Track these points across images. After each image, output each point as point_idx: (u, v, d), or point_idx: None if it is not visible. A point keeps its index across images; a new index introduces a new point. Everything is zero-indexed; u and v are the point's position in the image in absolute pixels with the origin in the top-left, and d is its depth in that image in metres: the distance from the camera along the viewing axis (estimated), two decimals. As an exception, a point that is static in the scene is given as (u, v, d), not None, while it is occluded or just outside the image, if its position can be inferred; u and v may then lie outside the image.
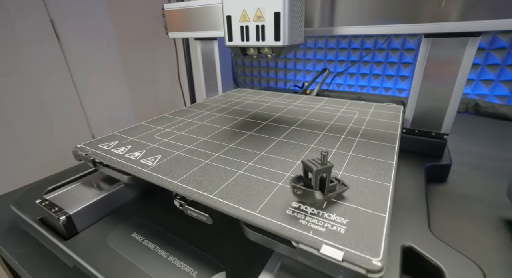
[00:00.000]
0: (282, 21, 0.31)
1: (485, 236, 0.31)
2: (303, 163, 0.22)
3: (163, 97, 1.94)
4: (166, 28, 0.54)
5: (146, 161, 0.31)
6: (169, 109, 1.48)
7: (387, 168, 0.27)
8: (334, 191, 0.22)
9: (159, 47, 1.73)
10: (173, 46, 1.66)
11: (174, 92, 1.84)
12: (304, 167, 0.22)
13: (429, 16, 0.32)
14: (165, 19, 0.53)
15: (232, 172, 0.28)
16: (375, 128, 0.38)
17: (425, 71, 0.39)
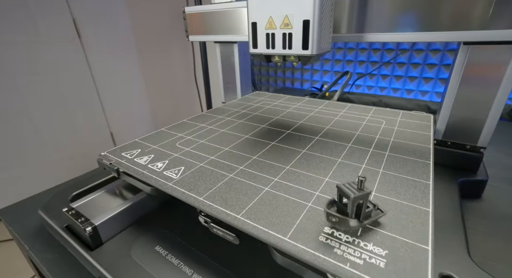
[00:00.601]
0: (311, 30, 0.30)
1: (528, 263, 0.28)
2: (338, 188, 0.20)
3: (179, 96, 1.96)
4: (186, 31, 0.54)
5: (170, 172, 0.30)
6: (185, 108, 1.51)
7: (424, 189, 0.26)
8: (370, 217, 0.21)
9: (176, 46, 1.74)
10: (189, 45, 1.66)
11: (190, 91, 1.85)
12: (339, 192, 0.21)
13: (472, 23, 0.30)
14: (185, 22, 0.53)
15: (258, 189, 0.27)
16: (405, 140, 0.36)
17: (463, 79, 0.36)
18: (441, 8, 0.31)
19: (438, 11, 0.31)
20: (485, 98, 0.35)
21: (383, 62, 0.97)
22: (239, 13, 0.47)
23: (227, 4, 0.48)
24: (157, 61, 1.92)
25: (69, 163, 1.75)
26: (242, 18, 0.47)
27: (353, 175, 0.29)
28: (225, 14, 0.49)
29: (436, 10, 0.31)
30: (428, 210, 0.23)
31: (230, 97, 0.65)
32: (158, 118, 2.24)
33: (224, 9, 0.48)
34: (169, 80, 1.94)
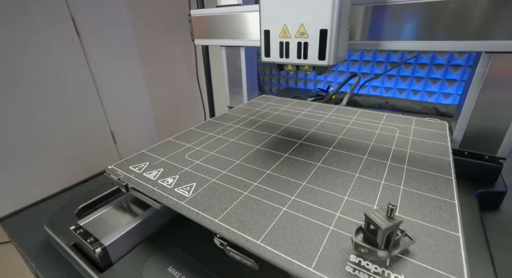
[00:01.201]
0: (328, 39, 0.28)
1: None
2: (367, 217, 0.19)
3: (181, 96, 1.94)
4: (192, 35, 0.52)
5: (181, 190, 0.29)
6: (187, 109, 1.50)
7: (450, 209, 0.25)
8: (399, 246, 0.20)
9: (178, 46, 1.71)
10: (191, 46, 1.63)
11: (192, 92, 1.83)
12: (367, 220, 0.19)
13: (496, 33, 0.28)
14: (191, 25, 0.51)
15: (275, 209, 0.26)
16: (423, 152, 0.35)
17: (483, 88, 0.35)
18: (464, 17, 0.29)
19: (460, 20, 0.30)
20: (507, 108, 0.34)
21: (390, 62, 0.95)
22: (246, 18, 0.45)
23: (233, 8, 0.46)
24: (159, 60, 1.89)
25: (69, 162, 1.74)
26: (250, 23, 0.45)
27: (372, 192, 0.27)
28: (231, 18, 0.47)
29: (458, 19, 0.30)
30: (458, 235, 0.21)
31: (236, 102, 0.63)
32: (160, 118, 2.23)
33: (230, 13, 0.47)
34: (171, 81, 1.92)
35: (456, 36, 0.31)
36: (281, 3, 0.30)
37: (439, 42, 0.32)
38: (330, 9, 0.27)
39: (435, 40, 0.32)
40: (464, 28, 0.30)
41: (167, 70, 1.91)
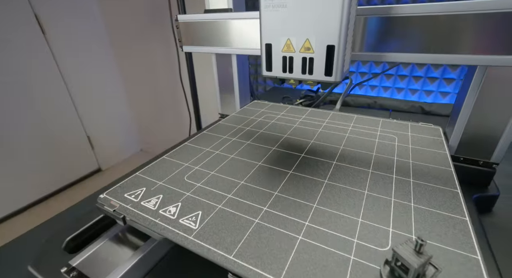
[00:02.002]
0: (335, 55, 0.27)
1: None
2: (396, 253, 0.18)
3: (163, 98, 1.86)
4: (180, 41, 0.49)
5: (187, 221, 0.27)
6: (170, 111, 1.45)
7: (463, 228, 0.25)
8: (425, 277, 0.19)
9: (157, 44, 1.63)
10: (173, 44, 1.55)
11: (175, 93, 1.75)
12: (396, 256, 0.19)
13: (494, 49, 0.29)
14: (178, 31, 0.48)
15: (291, 238, 0.24)
16: (424, 162, 0.35)
17: (479, 97, 0.36)
18: (463, 33, 0.29)
19: (459, 36, 0.30)
20: (501, 116, 0.35)
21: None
22: (239, 25, 0.43)
23: (224, 15, 0.44)
24: (136, 60, 1.80)
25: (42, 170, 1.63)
26: (243, 31, 0.43)
27: (385, 212, 0.27)
28: (222, 24, 0.44)
29: (454, 34, 0.30)
30: (477, 258, 0.22)
31: (227, 108, 0.61)
32: (140, 120, 2.13)
33: (221, 20, 0.44)
34: (151, 82, 1.83)
35: (453, 50, 0.31)
36: (285, 16, 0.28)
37: (436, 55, 0.32)
38: (338, 24, 0.26)
39: (430, 53, 0.32)
40: (460, 43, 0.30)
41: (145, 71, 1.82)
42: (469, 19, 0.29)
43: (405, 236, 0.24)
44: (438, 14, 0.30)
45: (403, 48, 0.33)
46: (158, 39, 1.60)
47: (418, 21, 0.31)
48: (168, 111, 1.88)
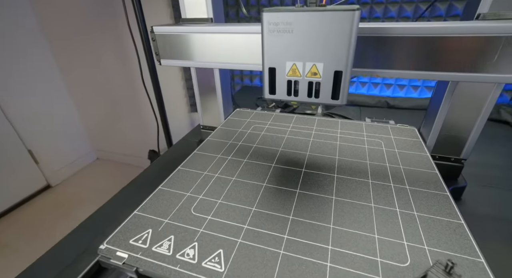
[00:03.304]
0: (343, 80, 0.28)
1: None
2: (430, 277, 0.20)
3: (119, 103, 1.69)
4: (157, 54, 0.44)
5: (210, 263, 0.26)
6: (129, 117, 1.35)
7: (462, 232, 0.28)
8: (451, 290, 0.22)
9: (108, 42, 1.46)
10: (127, 41, 1.41)
11: (134, 97, 1.61)
12: (429, 276, 0.21)
13: (466, 67, 0.32)
14: (155, 43, 0.43)
15: (320, 266, 0.25)
16: (412, 166, 0.39)
17: (451, 106, 0.40)
18: (439, 54, 0.32)
19: (435, 55, 0.33)
20: (469, 120, 0.40)
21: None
22: (221, 39, 0.41)
23: (204, 28, 0.41)
24: (81, 60, 1.59)
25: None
26: (225, 45, 0.41)
27: (395, 224, 0.29)
28: (203, 38, 0.41)
29: (434, 55, 0.33)
30: (481, 261, 0.25)
31: (209, 119, 0.58)
32: (93, 126, 1.93)
33: (201, 33, 0.41)
34: (102, 83, 1.65)
35: (430, 68, 0.34)
36: (290, 41, 0.27)
37: (412, 72, 0.35)
38: (347, 51, 0.26)
39: (407, 70, 0.35)
40: (436, 62, 0.33)
41: (95, 72, 1.63)
42: (443, 41, 0.31)
43: (419, 247, 0.27)
44: (419, 36, 0.32)
45: (388, 65, 0.35)
46: (108, 38, 1.44)
47: (400, 42, 0.33)
48: (126, 115, 1.73)
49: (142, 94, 1.57)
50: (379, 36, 0.33)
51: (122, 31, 1.39)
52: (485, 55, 0.31)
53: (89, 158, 2.11)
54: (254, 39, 0.38)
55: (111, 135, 1.93)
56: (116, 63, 1.52)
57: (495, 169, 0.55)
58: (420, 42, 0.32)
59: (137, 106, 1.65)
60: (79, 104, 1.87)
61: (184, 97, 1.44)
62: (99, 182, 1.90)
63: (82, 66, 1.63)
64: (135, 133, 1.80)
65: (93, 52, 1.54)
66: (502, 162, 0.59)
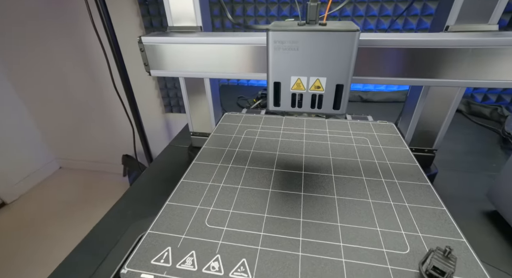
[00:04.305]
0: (344, 92, 0.30)
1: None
2: (433, 261, 0.24)
3: (82, 104, 1.56)
4: (146, 65, 0.43)
5: (237, 274, 0.27)
6: (96, 120, 1.30)
7: (446, 217, 0.33)
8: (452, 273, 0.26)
9: (62, 39, 1.33)
10: (90, 42, 1.29)
11: (101, 98, 1.50)
12: (432, 263, 0.24)
13: (438, 74, 0.37)
14: (144, 54, 0.42)
15: (337, 263, 0.28)
16: (396, 161, 0.44)
17: (425, 106, 0.45)
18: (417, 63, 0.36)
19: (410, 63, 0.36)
20: (440, 117, 0.46)
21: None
22: (211, 49, 0.41)
23: (194, 38, 0.40)
24: (33, 60, 1.43)
25: None
26: (216, 54, 0.41)
27: (391, 216, 0.33)
28: (193, 48, 0.41)
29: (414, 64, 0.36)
30: (464, 241, 0.30)
31: (200, 125, 0.58)
32: (53, 133, 1.77)
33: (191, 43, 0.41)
34: (62, 85, 1.51)
35: (405, 75, 0.38)
36: (295, 58, 0.29)
37: (390, 78, 0.38)
38: (348, 67, 0.29)
39: (387, 77, 0.38)
40: (412, 69, 0.37)
41: (51, 74, 1.48)
42: (417, 52, 0.35)
43: (414, 235, 0.31)
44: (397, 47, 0.35)
45: (373, 73, 0.38)
46: (66, 38, 1.31)
47: (380, 52, 0.36)
48: (93, 119, 1.62)
49: (110, 97, 1.47)
50: (362, 48, 0.36)
51: (80, 32, 1.28)
52: (453, 64, 0.35)
53: (51, 167, 1.95)
54: (249, 49, 0.39)
55: (76, 142, 1.79)
56: (76, 66, 1.40)
57: (455, 154, 0.64)
58: (398, 52, 0.36)
59: (105, 109, 1.54)
60: (34, 109, 1.69)
61: (157, 98, 1.38)
62: (64, 194, 1.76)
63: (34, 69, 1.47)
64: (103, 138, 1.69)
65: (47, 54, 1.39)
66: (460, 147, 0.68)
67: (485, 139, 0.71)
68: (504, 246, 0.40)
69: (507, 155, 0.63)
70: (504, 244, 0.40)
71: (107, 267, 0.35)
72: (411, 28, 0.89)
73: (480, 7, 0.37)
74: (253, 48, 0.38)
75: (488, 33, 0.36)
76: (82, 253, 0.41)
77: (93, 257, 0.40)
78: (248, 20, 1.03)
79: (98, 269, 0.36)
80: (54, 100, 1.59)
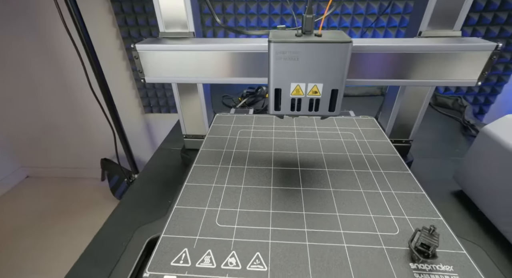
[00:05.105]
0: (338, 96, 0.34)
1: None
2: (421, 238, 0.29)
3: (51, 107, 1.46)
4: (140, 72, 0.43)
5: (254, 266, 0.30)
6: (67, 124, 1.26)
7: (425, 200, 0.38)
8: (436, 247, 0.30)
9: (21, 32, 1.22)
10: (58, 39, 1.20)
11: (74, 101, 1.41)
12: (420, 240, 0.29)
13: (413, 75, 0.41)
14: (138, 61, 0.42)
15: (340, 248, 0.32)
16: (380, 153, 0.49)
17: (403, 101, 0.51)
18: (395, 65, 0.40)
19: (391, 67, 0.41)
20: (415, 111, 0.52)
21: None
22: (207, 56, 0.42)
23: (188, 45, 0.41)
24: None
25: None
26: (212, 60, 0.42)
27: (381, 203, 0.38)
28: (188, 55, 0.42)
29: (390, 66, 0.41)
30: (441, 219, 0.35)
31: (193, 128, 0.59)
32: (17, 139, 1.64)
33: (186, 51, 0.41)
34: (25, 86, 1.40)
35: (384, 76, 0.42)
36: (295, 67, 0.32)
37: (372, 80, 0.42)
38: (342, 74, 0.32)
39: (366, 79, 0.42)
40: (390, 71, 0.41)
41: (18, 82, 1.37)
42: (394, 56, 0.39)
43: (401, 218, 0.36)
44: (376, 52, 0.39)
45: (357, 76, 0.42)
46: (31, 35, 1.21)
47: (363, 57, 0.40)
48: (64, 123, 1.52)
49: (83, 100, 1.40)
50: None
51: (48, 33, 1.19)
52: (425, 66, 0.40)
53: (16, 177, 1.81)
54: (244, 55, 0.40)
55: (46, 148, 1.67)
56: (45, 69, 1.31)
57: (425, 142, 0.71)
58: (379, 57, 0.40)
59: (78, 112, 1.46)
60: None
61: (135, 98, 1.34)
62: (33, 204, 1.65)
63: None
64: (78, 142, 1.60)
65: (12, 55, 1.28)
66: (429, 136, 0.75)
67: (449, 127, 0.80)
68: (470, 220, 0.46)
69: (468, 141, 0.72)
70: (470, 219, 0.47)
71: (119, 274, 0.36)
72: (394, 25, 0.96)
73: (446, 15, 0.42)
74: (248, 54, 0.40)
75: (453, 39, 0.41)
76: (88, 263, 0.41)
77: (101, 265, 0.40)
78: (240, 25, 1.04)
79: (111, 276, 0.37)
80: (21, 105, 1.47)
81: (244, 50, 0.40)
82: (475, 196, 0.46)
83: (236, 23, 1.03)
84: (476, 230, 0.43)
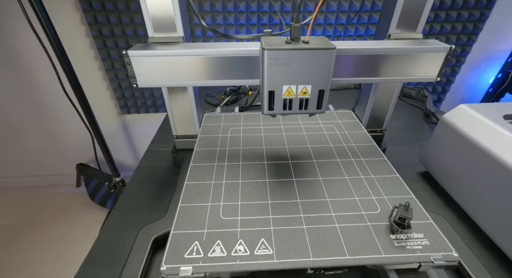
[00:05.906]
0: (324, 96, 0.38)
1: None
2: (398, 213, 0.34)
3: (15, 111, 1.35)
4: (132, 77, 0.44)
5: (261, 251, 0.34)
6: (35, 128, 1.25)
7: (399, 182, 0.44)
8: (411, 219, 0.36)
9: None
10: (19, 36, 1.10)
11: (40, 104, 1.31)
12: (398, 215, 0.35)
13: (385, 73, 0.47)
14: (130, 67, 0.42)
15: (333, 228, 0.37)
16: (359, 143, 0.54)
17: (376, 95, 0.57)
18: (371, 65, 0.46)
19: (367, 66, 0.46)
20: (387, 105, 0.58)
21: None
22: (199, 61, 0.44)
23: (179, 50, 0.43)
24: None
25: None
26: (203, 65, 0.45)
27: (363, 187, 0.43)
28: (179, 60, 0.44)
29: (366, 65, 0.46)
30: (413, 197, 0.41)
31: (184, 128, 0.60)
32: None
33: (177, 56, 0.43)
34: None
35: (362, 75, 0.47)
36: (287, 71, 0.35)
37: (348, 78, 0.47)
38: (328, 76, 0.36)
39: (343, 77, 0.47)
40: (366, 70, 0.46)
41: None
42: (368, 57, 0.44)
43: (381, 198, 0.41)
44: (353, 54, 0.44)
45: (335, 75, 0.46)
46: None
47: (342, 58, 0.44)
48: (32, 129, 1.42)
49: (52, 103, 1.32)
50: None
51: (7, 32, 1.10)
52: (393, 65, 0.46)
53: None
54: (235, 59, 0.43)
55: (10, 157, 1.55)
56: (6, 71, 1.20)
57: (395, 131, 0.80)
58: (354, 57, 0.44)
59: (47, 117, 1.37)
60: None
61: (111, 99, 1.29)
62: (4, 217, 1.53)
63: None
64: (48, 148, 1.51)
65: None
66: (397, 124, 0.84)
67: (414, 116, 0.90)
68: (435, 196, 0.54)
69: (430, 127, 0.82)
70: (434, 195, 0.54)
71: (130, 272, 0.38)
72: (360, 35, 1.04)
73: (410, 19, 0.48)
74: (237, 58, 0.43)
75: (416, 41, 0.47)
76: (94, 266, 0.42)
77: (109, 267, 0.41)
78: (230, 29, 1.05)
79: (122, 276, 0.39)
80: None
81: (234, 55, 0.43)
82: (438, 176, 0.54)
83: (225, 21, 1.04)
84: (440, 204, 0.51)
